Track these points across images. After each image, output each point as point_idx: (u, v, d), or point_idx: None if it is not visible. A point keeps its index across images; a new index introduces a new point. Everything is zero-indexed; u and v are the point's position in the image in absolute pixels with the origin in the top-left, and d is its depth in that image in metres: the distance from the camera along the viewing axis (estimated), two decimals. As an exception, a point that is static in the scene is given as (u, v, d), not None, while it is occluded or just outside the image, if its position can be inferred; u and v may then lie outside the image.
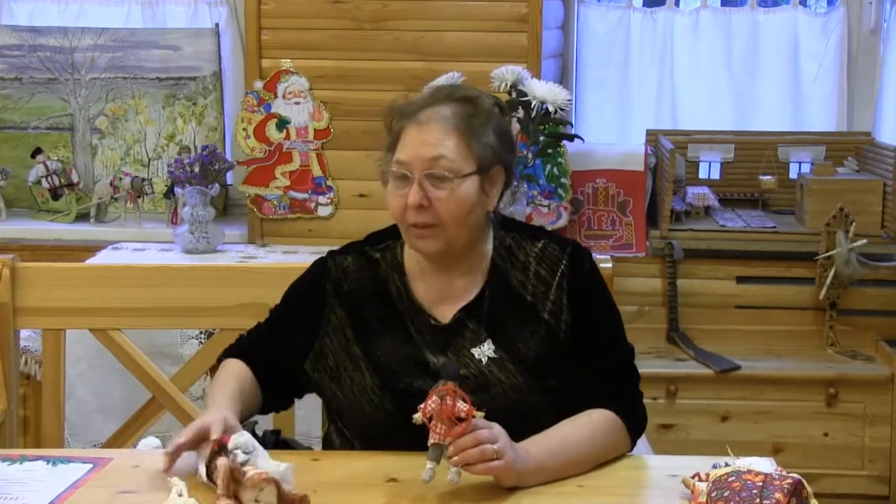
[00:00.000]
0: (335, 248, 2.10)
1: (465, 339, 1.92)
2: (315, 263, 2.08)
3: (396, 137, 1.91)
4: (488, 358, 1.89)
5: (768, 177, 3.86)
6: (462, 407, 1.66)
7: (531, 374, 1.89)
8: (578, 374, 1.90)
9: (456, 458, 1.65)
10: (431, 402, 1.66)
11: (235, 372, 1.98)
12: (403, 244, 1.99)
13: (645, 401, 1.97)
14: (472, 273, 1.96)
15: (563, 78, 4.01)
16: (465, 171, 1.87)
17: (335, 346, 1.97)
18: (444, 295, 1.95)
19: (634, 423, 1.90)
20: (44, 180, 3.87)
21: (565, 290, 1.93)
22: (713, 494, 1.60)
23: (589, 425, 1.84)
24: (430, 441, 1.67)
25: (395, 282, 1.98)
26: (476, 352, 1.90)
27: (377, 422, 1.90)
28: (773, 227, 3.71)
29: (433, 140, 1.86)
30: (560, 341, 1.91)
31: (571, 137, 3.23)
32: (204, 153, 3.53)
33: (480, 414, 1.68)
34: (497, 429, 1.70)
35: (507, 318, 1.92)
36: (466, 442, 1.66)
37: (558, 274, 1.94)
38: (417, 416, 1.67)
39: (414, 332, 1.94)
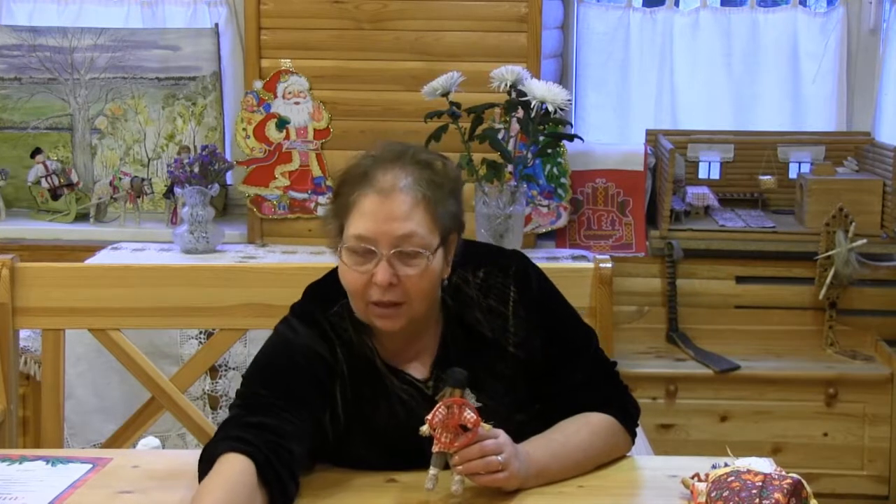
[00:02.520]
0: (290, 319, 1.85)
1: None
2: (307, 329, 1.82)
3: (350, 205, 1.73)
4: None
5: (768, 177, 3.86)
6: (469, 417, 1.64)
7: (518, 409, 1.85)
8: (561, 386, 1.87)
9: (460, 467, 1.64)
10: (439, 413, 1.64)
11: (229, 489, 1.58)
12: None
13: (645, 401, 1.98)
14: (427, 325, 1.84)
15: (563, 78, 4.01)
16: (435, 246, 1.74)
17: (332, 418, 1.81)
18: (406, 350, 1.84)
19: (629, 419, 1.89)
20: (43, 180, 3.88)
21: (523, 317, 1.86)
22: (712, 494, 1.60)
23: (587, 427, 1.83)
24: (435, 449, 1.65)
25: (365, 344, 1.82)
26: None
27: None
28: (773, 227, 3.71)
29: (401, 214, 1.71)
30: (534, 367, 1.86)
31: (571, 137, 3.23)
32: (203, 153, 3.53)
33: (487, 427, 1.67)
34: (503, 438, 1.68)
35: (476, 361, 1.81)
36: (472, 452, 1.64)
37: (510, 303, 1.86)
38: (425, 429, 1.65)
39: (402, 393, 1.83)
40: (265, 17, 3.56)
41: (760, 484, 1.56)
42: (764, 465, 1.68)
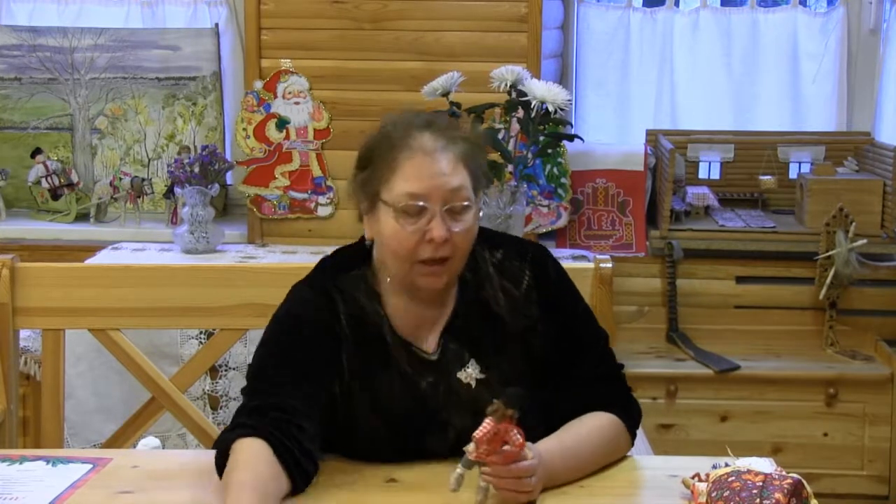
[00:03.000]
0: (303, 285, 1.89)
1: (450, 364, 1.85)
2: (313, 296, 1.86)
3: (390, 169, 1.78)
4: (476, 380, 1.84)
5: (768, 177, 3.86)
6: (515, 439, 1.62)
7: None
8: (568, 381, 1.88)
9: (490, 477, 1.64)
10: (488, 433, 1.62)
11: (252, 467, 1.64)
12: (372, 271, 1.88)
13: (645, 401, 1.99)
14: (444, 293, 1.86)
15: (563, 78, 4.01)
16: (475, 200, 1.81)
17: (340, 387, 1.83)
18: (419, 320, 1.86)
19: (631, 420, 1.90)
20: (43, 180, 3.88)
21: (535, 300, 1.88)
22: (713, 494, 1.60)
23: (597, 431, 1.83)
24: (470, 456, 1.63)
25: (376, 313, 1.85)
26: (462, 375, 1.84)
27: (384, 458, 1.84)
28: (773, 226, 3.71)
29: (448, 169, 1.77)
30: (540, 355, 1.88)
31: (571, 137, 3.23)
32: (204, 153, 3.53)
33: (529, 453, 1.66)
34: (536, 460, 1.68)
35: (486, 336, 1.86)
36: (507, 472, 1.64)
37: (524, 286, 1.89)
38: (471, 447, 1.62)
39: (406, 365, 1.84)
40: (265, 17, 3.57)
41: (761, 484, 1.56)
42: (764, 465, 1.68)
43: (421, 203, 1.75)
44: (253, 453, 1.65)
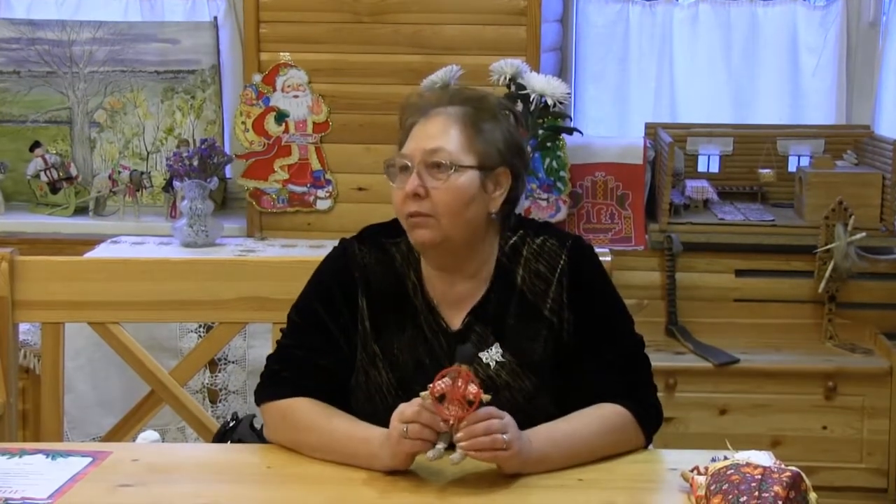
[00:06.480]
0: (341, 238, 2.03)
1: (474, 344, 1.89)
2: (337, 253, 1.99)
3: (406, 134, 1.91)
4: (496, 362, 1.88)
5: (767, 170, 3.86)
6: (472, 390, 1.67)
7: (538, 376, 1.88)
8: (587, 370, 1.89)
9: (466, 443, 1.67)
10: (441, 383, 1.67)
11: (322, 409, 1.87)
12: None
13: (643, 395, 1.98)
14: (477, 276, 1.93)
15: (562, 71, 4.01)
16: (463, 163, 1.85)
17: (357, 339, 1.94)
18: (450, 298, 1.93)
19: (646, 417, 1.90)
20: (42, 174, 3.88)
21: (565, 286, 1.91)
22: (712, 487, 1.60)
23: (599, 419, 1.84)
24: (424, 400, 1.68)
25: (411, 278, 1.94)
26: (484, 356, 1.88)
27: (387, 419, 1.85)
28: (772, 220, 3.71)
29: (435, 132, 1.86)
30: (563, 341, 1.90)
31: (570, 131, 3.23)
32: (203, 147, 3.53)
33: (487, 397, 1.70)
34: (508, 419, 1.71)
35: (512, 318, 1.90)
36: (477, 430, 1.67)
37: (557, 270, 1.92)
38: (425, 394, 1.68)
39: (427, 331, 1.91)
40: (264, 10, 3.57)
41: (760, 477, 1.56)
42: (763, 458, 1.68)
43: (405, 161, 1.86)
44: (309, 402, 1.87)
